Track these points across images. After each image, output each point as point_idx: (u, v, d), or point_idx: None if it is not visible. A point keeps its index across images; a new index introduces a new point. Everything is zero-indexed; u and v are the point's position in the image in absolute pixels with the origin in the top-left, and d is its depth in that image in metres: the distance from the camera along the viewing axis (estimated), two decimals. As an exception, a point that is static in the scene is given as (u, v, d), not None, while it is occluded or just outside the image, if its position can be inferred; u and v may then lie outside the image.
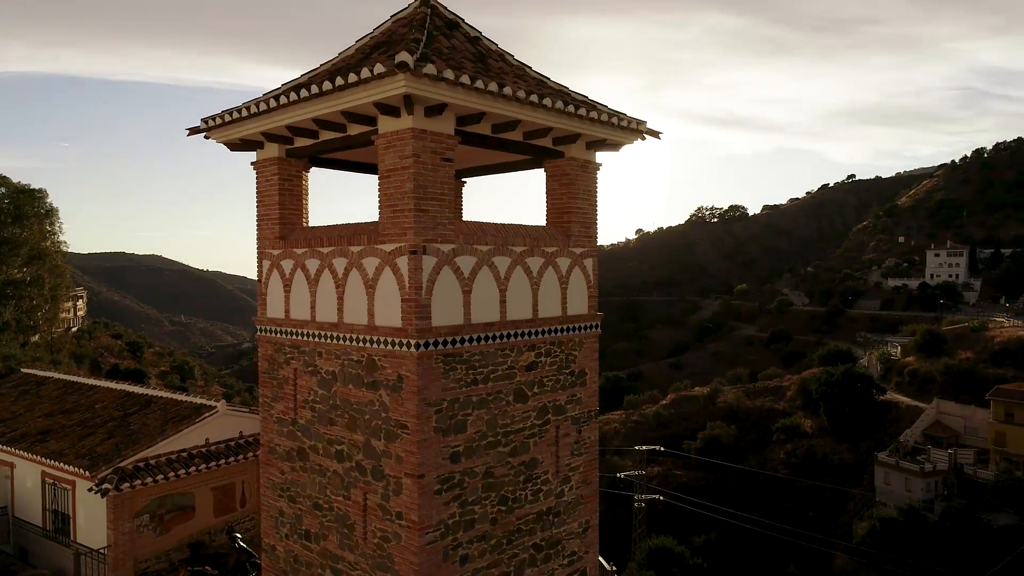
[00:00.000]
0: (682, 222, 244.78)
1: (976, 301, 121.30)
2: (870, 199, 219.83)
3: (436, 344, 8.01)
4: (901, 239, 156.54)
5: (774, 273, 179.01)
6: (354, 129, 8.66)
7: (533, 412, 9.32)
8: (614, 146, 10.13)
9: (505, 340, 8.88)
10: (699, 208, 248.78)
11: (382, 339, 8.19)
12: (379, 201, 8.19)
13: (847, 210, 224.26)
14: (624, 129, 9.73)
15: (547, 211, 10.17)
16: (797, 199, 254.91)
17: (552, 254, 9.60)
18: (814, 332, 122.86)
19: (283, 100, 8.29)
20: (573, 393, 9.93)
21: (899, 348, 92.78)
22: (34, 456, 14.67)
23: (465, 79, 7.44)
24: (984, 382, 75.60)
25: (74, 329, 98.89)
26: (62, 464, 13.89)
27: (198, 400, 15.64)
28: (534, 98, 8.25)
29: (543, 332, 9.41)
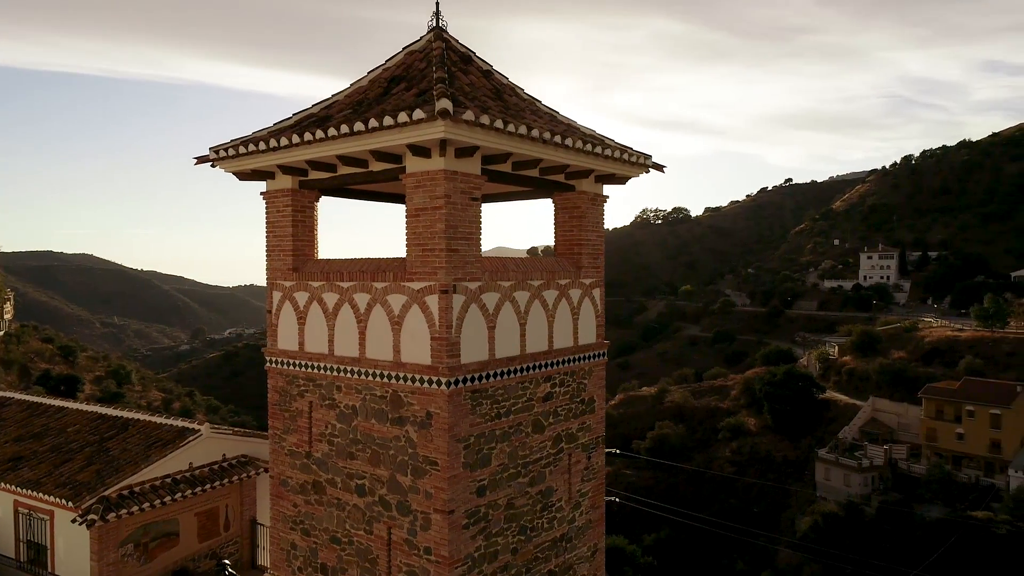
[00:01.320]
0: (627, 223, 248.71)
1: (906, 302, 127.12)
2: (806, 202, 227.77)
3: (465, 381, 8.14)
4: (836, 242, 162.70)
5: (717, 274, 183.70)
6: (377, 166, 8.70)
7: (549, 442, 9.53)
8: (622, 179, 10.42)
9: (525, 373, 9.06)
10: (644, 210, 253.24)
11: (409, 376, 8.26)
12: (407, 239, 8.25)
13: (785, 213, 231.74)
14: (633, 164, 10.02)
15: (556, 242, 10.39)
16: (737, 202, 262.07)
17: (565, 286, 9.83)
18: (756, 332, 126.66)
19: (308, 137, 8.26)
20: (583, 421, 10.18)
21: (836, 348, 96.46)
22: (7, 486, 14.09)
23: (499, 123, 7.59)
24: (916, 380, 79.37)
25: (0, 333, 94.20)
26: (40, 494, 13.39)
27: (180, 423, 15.26)
28: (557, 139, 8.45)
29: (558, 363, 9.63)
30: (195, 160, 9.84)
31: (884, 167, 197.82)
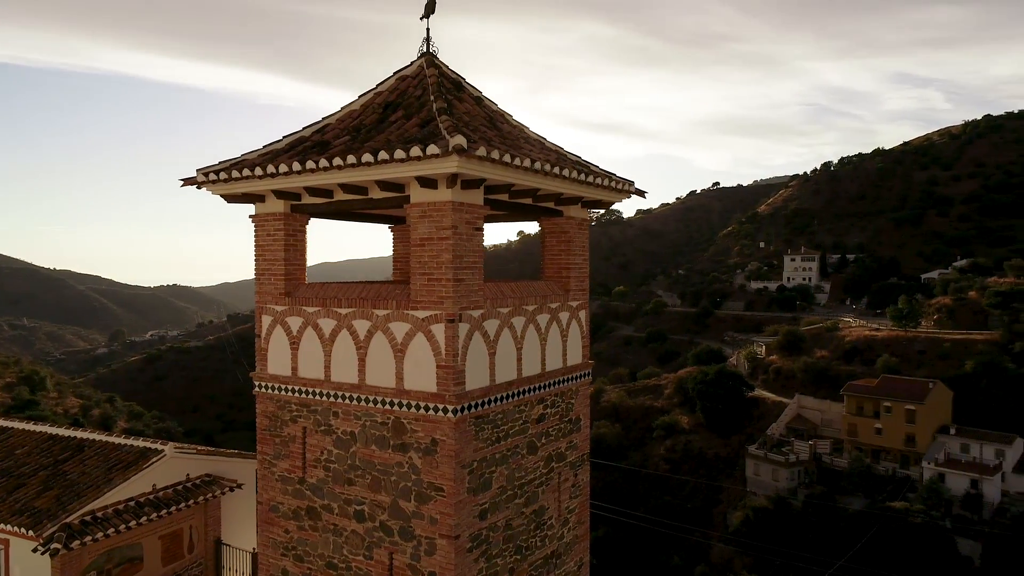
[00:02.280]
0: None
1: (826, 302, 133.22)
2: (733, 205, 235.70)
3: (470, 408, 8.30)
4: (762, 244, 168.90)
5: (649, 275, 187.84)
6: (378, 194, 8.75)
7: (541, 462, 9.77)
8: (607, 204, 10.75)
9: (522, 396, 9.28)
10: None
11: (413, 403, 8.36)
12: (412, 268, 8.34)
13: (713, 215, 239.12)
14: (619, 191, 10.37)
15: (545, 266, 10.64)
16: (668, 204, 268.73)
17: (555, 309, 10.09)
18: (687, 332, 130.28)
19: (311, 165, 8.25)
20: (571, 440, 10.47)
21: (764, 347, 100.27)
22: (-47, 513, 13.30)
23: (507, 158, 7.78)
24: (837, 378, 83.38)
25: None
26: (-7, 521, 12.73)
27: (140, 443, 14.76)
28: (556, 170, 8.70)
29: (550, 385, 9.89)
30: (181, 182, 9.64)
31: (805, 173, 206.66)
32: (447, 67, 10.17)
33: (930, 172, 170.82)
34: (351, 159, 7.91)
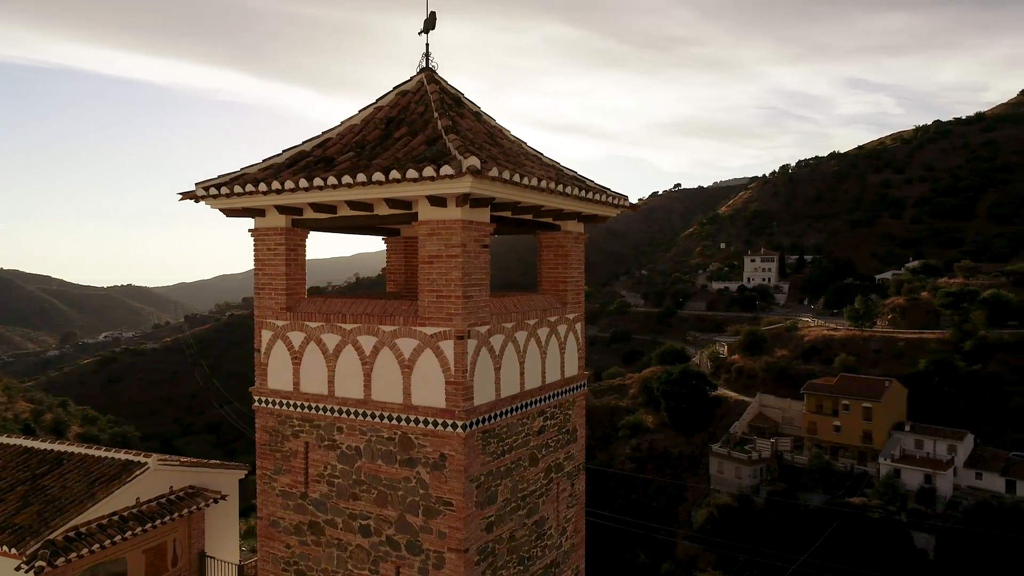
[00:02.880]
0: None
1: (785, 302, 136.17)
2: (694, 207, 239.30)
3: (478, 423, 8.41)
4: (722, 245, 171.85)
5: (612, 276, 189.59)
6: (384, 210, 8.79)
7: (542, 473, 9.93)
8: (602, 219, 10.95)
9: (524, 409, 9.42)
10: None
11: (421, 418, 8.43)
12: (420, 285, 8.42)
13: (674, 216, 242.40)
14: (615, 206, 10.58)
15: (542, 280, 10.79)
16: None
17: (554, 323, 10.25)
18: (650, 332, 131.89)
19: (319, 182, 8.26)
20: (569, 450, 10.65)
21: (726, 347, 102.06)
22: (-73, 531, 12.86)
23: (516, 177, 7.92)
24: (798, 377, 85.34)
25: None
26: (-29, 539, 12.36)
27: (122, 456, 14.46)
28: (561, 188, 8.86)
29: (550, 397, 10.05)
30: (179, 196, 9.55)
31: (764, 175, 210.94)
32: (446, 83, 10.25)
33: (883, 175, 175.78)
34: (361, 177, 7.95)
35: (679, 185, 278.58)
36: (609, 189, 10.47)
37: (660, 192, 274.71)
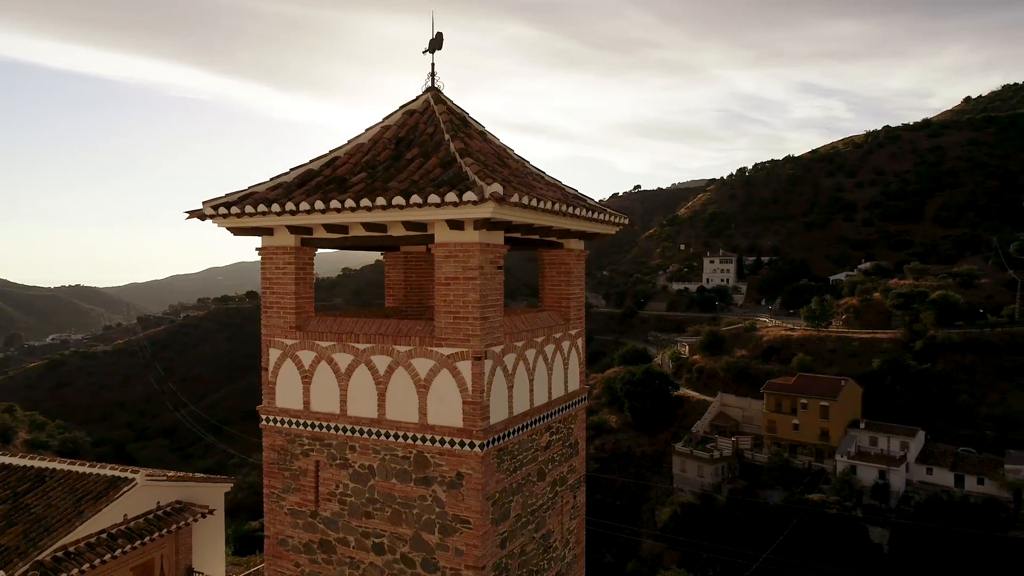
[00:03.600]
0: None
1: (743, 302, 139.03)
2: (654, 208, 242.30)
3: (494, 441, 8.56)
4: (682, 246, 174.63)
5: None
6: (399, 232, 8.88)
7: (548, 487, 10.13)
8: (602, 236, 11.20)
9: (534, 426, 9.60)
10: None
11: (438, 437, 8.55)
12: (437, 306, 8.53)
13: (635, 218, 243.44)
14: (615, 224, 10.84)
15: (545, 296, 10.99)
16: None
17: (559, 339, 10.46)
18: (612, 332, 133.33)
19: (336, 204, 8.31)
20: (571, 464, 10.87)
21: (687, 347, 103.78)
22: (-96, 553, 12.44)
23: (534, 202, 8.10)
24: (757, 376, 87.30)
25: None
26: (-47, 562, 12.02)
27: (108, 472, 14.16)
28: (572, 210, 9.08)
29: (555, 412, 10.25)
30: (187, 214, 9.48)
31: (722, 177, 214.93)
32: (452, 102, 10.38)
33: (836, 179, 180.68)
34: (380, 200, 8.03)
35: (639, 186, 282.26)
36: (607, 208, 10.72)
37: (621, 193, 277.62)
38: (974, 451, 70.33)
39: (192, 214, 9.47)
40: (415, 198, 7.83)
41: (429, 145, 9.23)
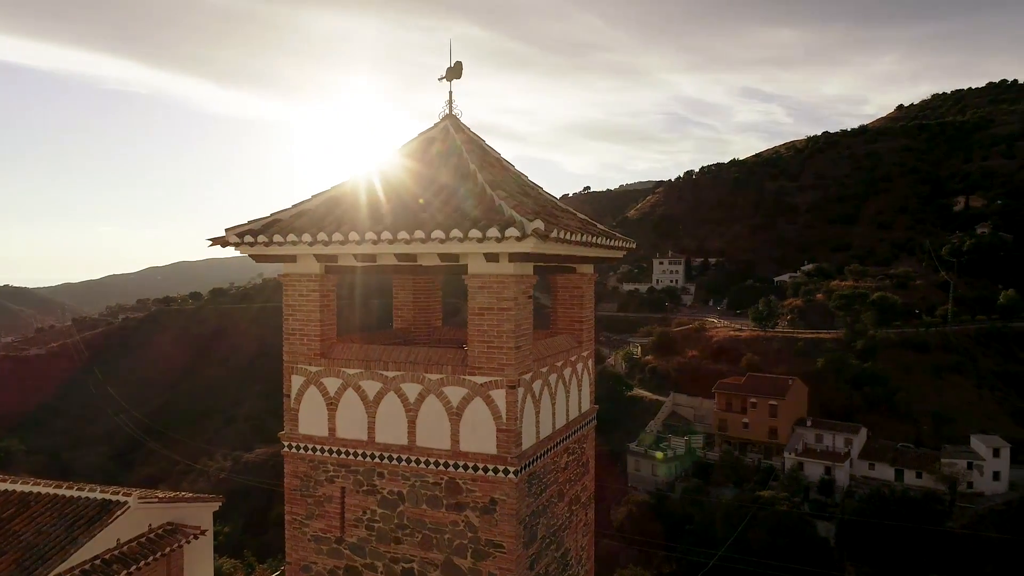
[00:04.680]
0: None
1: (692, 303, 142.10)
2: (603, 210, 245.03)
3: (526, 467, 8.79)
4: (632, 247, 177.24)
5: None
6: (431, 261, 9.00)
7: (566, 507, 10.40)
8: (611, 261, 11.53)
9: (556, 448, 9.87)
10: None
11: (471, 464, 8.73)
12: (470, 335, 8.71)
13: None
14: (624, 249, 11.19)
15: (558, 319, 11.26)
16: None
17: (574, 361, 10.74)
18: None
19: (371, 236, 8.40)
20: (584, 482, 11.17)
21: (639, 348, 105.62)
22: None
23: (570, 236, 8.36)
24: (707, 376, 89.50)
25: None
26: (-57, 594, 11.57)
27: (98, 495, 13.79)
28: (597, 240, 9.37)
29: (572, 434, 10.54)
30: (209, 242, 9.41)
31: (670, 180, 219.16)
32: (470, 130, 10.56)
33: (779, 183, 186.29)
34: (419, 234, 8.16)
35: (588, 188, 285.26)
36: (619, 235, 11.07)
37: (571, 195, 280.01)
38: (912, 446, 73.71)
39: (215, 242, 9.40)
40: (456, 232, 7.99)
41: (456, 175, 9.39)
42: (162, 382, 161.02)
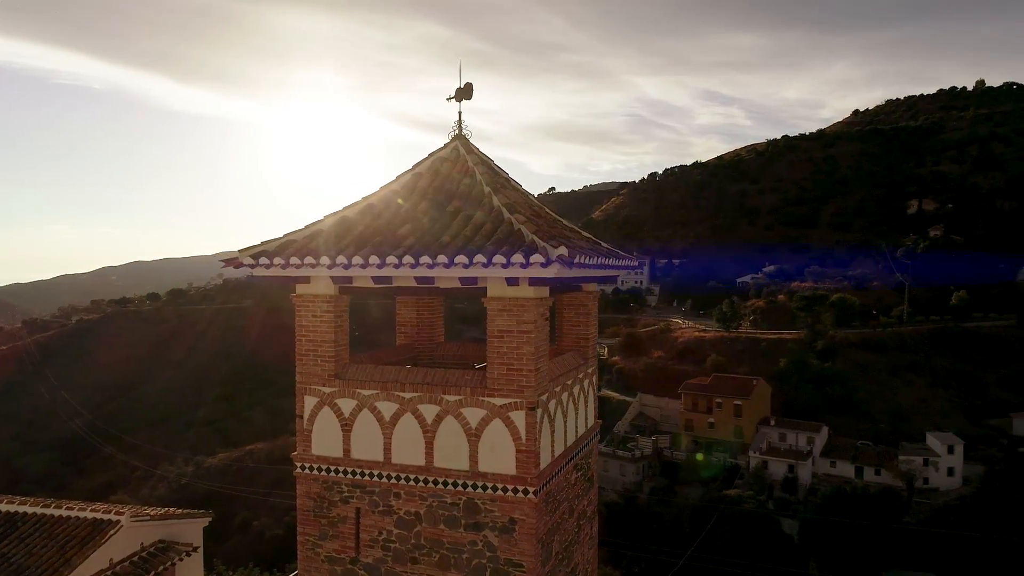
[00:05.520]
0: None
1: (656, 304, 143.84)
2: (568, 210, 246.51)
3: (545, 486, 8.93)
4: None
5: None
6: (447, 283, 9.07)
7: (574, 521, 10.57)
8: (614, 278, 11.74)
9: (567, 465, 10.03)
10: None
11: (490, 484, 8.83)
12: (489, 357, 8.81)
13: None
14: (629, 268, 11.41)
15: (564, 336, 11.42)
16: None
17: (581, 378, 10.92)
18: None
19: (392, 260, 8.44)
20: (589, 496, 11.35)
21: (606, 348, 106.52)
22: None
23: (590, 260, 8.53)
24: (673, 377, 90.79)
25: None
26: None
27: (89, 514, 13.47)
28: (611, 261, 9.56)
29: (580, 450, 10.71)
30: (222, 263, 9.34)
31: (634, 182, 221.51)
32: (479, 150, 10.65)
33: (741, 185, 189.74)
34: (442, 259, 8.24)
35: (553, 189, 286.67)
36: (622, 253, 11.28)
37: (536, 196, 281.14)
38: (871, 444, 75.79)
39: (228, 263, 9.34)
40: (479, 257, 8.09)
41: (471, 198, 9.48)
42: (118, 385, 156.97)
